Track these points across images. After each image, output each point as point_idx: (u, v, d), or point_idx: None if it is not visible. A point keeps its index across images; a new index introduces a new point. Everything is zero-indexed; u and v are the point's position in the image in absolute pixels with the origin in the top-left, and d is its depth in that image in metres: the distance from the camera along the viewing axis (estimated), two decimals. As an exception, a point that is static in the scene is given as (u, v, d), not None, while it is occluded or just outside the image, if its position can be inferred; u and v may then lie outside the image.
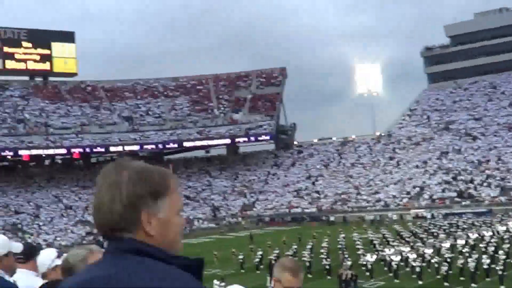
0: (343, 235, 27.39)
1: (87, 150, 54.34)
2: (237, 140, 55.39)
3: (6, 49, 61.61)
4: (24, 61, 62.97)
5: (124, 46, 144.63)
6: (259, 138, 54.89)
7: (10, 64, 61.94)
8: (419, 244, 23.42)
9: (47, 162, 57.51)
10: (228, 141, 55.36)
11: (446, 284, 18.18)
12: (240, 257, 23.62)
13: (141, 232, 1.09)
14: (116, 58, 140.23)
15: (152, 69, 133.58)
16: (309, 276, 19.58)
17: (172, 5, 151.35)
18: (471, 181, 40.87)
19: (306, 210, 44.22)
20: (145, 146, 55.57)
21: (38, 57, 63.73)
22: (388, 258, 20.65)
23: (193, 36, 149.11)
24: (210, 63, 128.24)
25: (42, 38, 64.02)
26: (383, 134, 54.13)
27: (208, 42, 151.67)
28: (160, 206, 1.11)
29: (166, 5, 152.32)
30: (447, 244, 22.42)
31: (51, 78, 66.86)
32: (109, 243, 1.11)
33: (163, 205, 1.11)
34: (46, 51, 64.13)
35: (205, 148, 58.90)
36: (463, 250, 21.39)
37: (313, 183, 47.96)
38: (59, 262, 2.32)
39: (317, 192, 46.48)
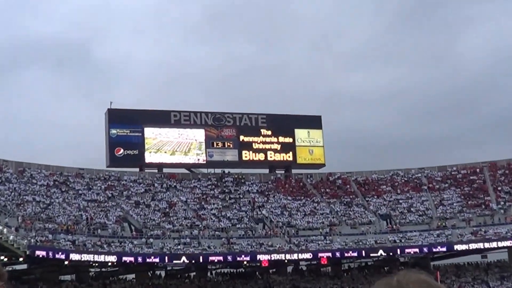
0: None
1: (337, 254, 74.86)
2: (520, 242, 73.48)
3: (242, 138, 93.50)
4: (263, 151, 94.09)
5: (377, 131, 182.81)
6: (546, 240, 73.60)
7: (247, 155, 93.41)
8: None
9: (289, 268, 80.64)
10: (509, 243, 73.07)
11: None
12: None
13: None
14: (368, 144, 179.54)
15: (412, 157, 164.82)
16: None
17: (428, 84, 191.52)
18: None
19: None
20: (407, 250, 75.35)
21: (278, 147, 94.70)
22: None
23: (457, 118, 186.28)
24: (483, 148, 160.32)
25: (284, 124, 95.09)
26: None
27: (478, 124, 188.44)
28: None
29: (421, 86, 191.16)
30: None
31: (294, 171, 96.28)
32: None
33: None
34: (288, 140, 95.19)
35: (481, 252, 76.49)
36: None
37: None
38: None
39: None
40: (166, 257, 71.13)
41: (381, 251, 76.43)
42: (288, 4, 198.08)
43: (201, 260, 72.20)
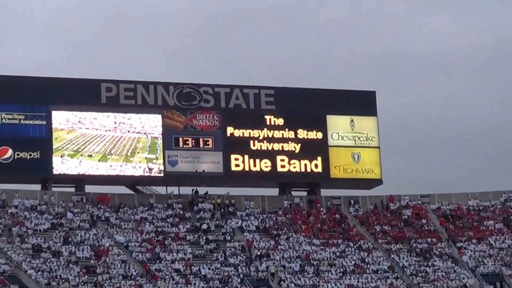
0: None
1: None
2: None
3: (231, 130, 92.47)
4: (269, 155, 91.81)
5: (476, 119, 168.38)
6: None
7: (239, 163, 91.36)
8: None
9: None
10: None
11: None
12: None
13: None
14: (460, 144, 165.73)
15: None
16: None
17: None
18: None
19: None
20: None
21: (297, 147, 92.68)
22: None
23: None
24: None
25: (307, 107, 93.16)
26: None
27: None
28: None
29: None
30: None
31: (325, 191, 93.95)
32: None
33: None
34: (315, 134, 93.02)
35: None
36: None
37: None
38: None
39: None
40: None
41: None
42: None
43: None
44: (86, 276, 76.63)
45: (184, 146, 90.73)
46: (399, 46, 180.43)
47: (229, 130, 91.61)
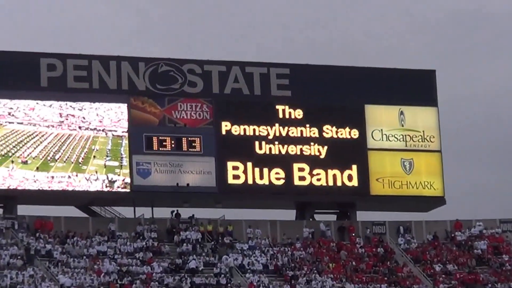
0: None
1: None
2: None
3: (227, 126, 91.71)
4: (282, 162, 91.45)
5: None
6: None
7: (238, 173, 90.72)
8: None
9: None
10: None
11: None
12: None
13: None
14: None
15: None
16: None
17: None
18: None
19: None
20: None
21: (323, 151, 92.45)
22: None
23: None
24: None
25: (337, 92, 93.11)
26: None
27: None
28: None
29: None
30: None
31: (361, 214, 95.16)
32: None
33: None
34: (348, 133, 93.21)
35: None
36: None
37: None
38: None
39: None
40: None
41: None
42: None
43: None
44: (21, 336, 79.45)
45: (161, 149, 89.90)
46: (472, 5, 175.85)
47: (225, 126, 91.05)
